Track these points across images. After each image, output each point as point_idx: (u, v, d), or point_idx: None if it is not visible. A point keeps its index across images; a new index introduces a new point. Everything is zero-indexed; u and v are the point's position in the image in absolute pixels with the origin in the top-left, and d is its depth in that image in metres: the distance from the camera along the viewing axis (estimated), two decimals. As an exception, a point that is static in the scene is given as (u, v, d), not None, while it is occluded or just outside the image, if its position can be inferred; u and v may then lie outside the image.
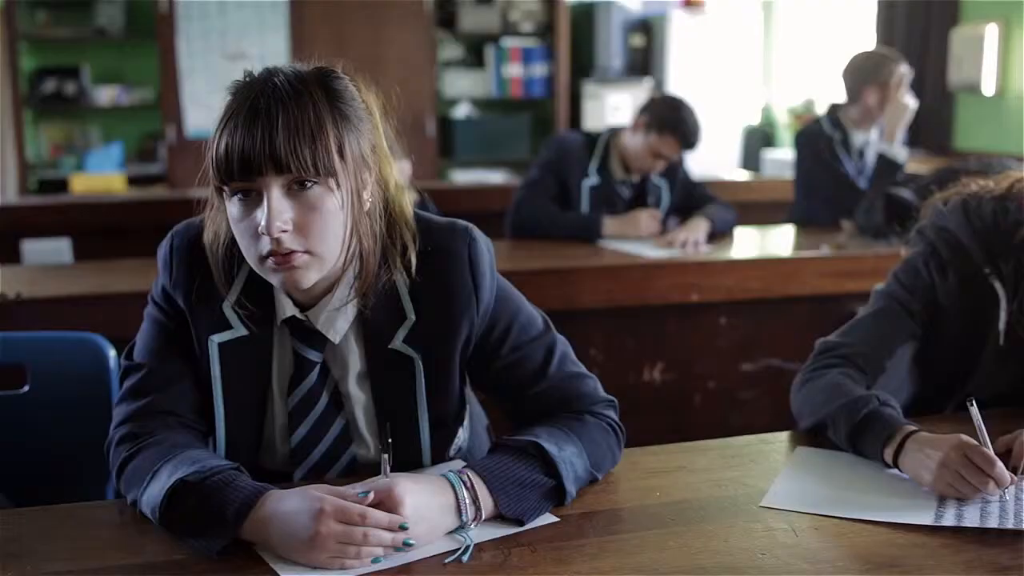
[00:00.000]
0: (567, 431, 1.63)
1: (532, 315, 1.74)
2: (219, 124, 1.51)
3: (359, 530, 1.37)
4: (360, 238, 1.59)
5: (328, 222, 1.53)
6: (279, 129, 1.47)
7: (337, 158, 1.51)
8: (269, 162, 1.47)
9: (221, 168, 1.50)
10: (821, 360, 1.94)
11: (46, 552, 1.45)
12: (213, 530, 1.42)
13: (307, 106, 1.49)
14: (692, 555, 1.42)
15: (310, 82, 1.53)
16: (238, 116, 1.49)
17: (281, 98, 1.49)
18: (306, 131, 1.48)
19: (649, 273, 3.40)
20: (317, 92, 1.52)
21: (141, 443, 1.59)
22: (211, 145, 1.52)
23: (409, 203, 1.70)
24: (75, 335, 2.14)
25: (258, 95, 1.49)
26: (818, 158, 4.30)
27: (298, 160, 1.47)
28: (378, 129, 1.63)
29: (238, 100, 1.51)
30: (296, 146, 1.47)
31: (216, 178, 1.52)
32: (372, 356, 1.67)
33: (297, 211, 1.51)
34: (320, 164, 1.49)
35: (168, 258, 1.68)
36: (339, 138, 1.52)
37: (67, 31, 7.28)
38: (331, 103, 1.53)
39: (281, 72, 1.54)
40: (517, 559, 1.42)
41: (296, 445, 1.69)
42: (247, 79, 1.56)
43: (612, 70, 7.93)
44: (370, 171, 1.60)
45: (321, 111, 1.51)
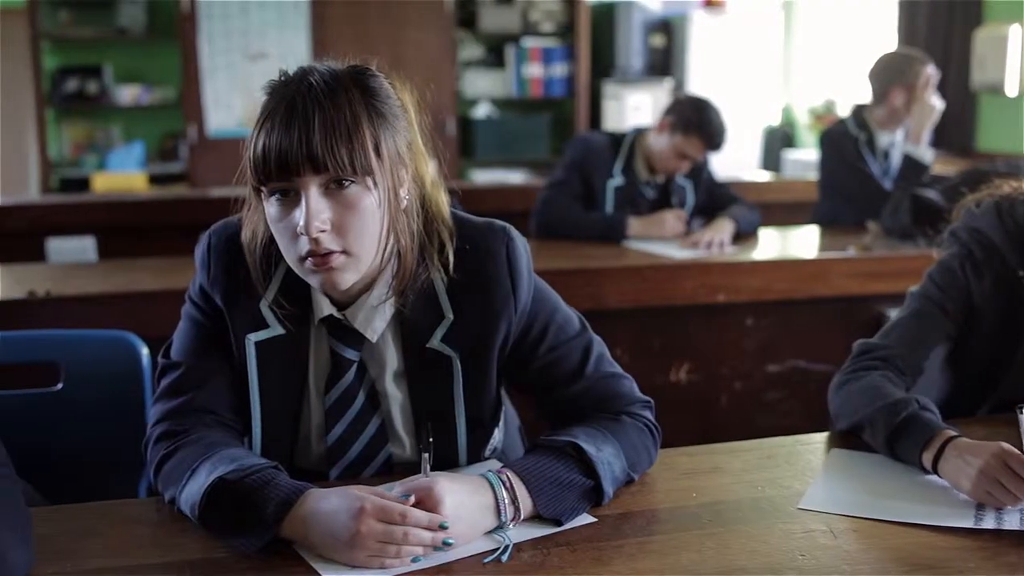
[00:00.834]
0: (604, 432, 1.62)
1: (569, 315, 1.74)
2: (256, 124, 1.51)
3: (399, 529, 1.37)
4: (397, 236, 1.59)
5: (366, 221, 1.53)
6: (316, 129, 1.47)
7: (374, 156, 1.51)
8: (307, 162, 1.47)
9: (259, 168, 1.50)
10: (860, 362, 1.93)
11: (85, 550, 1.46)
12: (253, 528, 1.42)
13: (343, 105, 1.49)
14: (731, 556, 1.42)
15: (346, 81, 1.53)
16: (275, 116, 1.49)
17: (317, 97, 1.49)
18: (343, 130, 1.48)
19: (675, 274, 3.39)
20: (353, 91, 1.52)
21: (179, 441, 1.59)
22: (249, 145, 1.52)
23: (445, 201, 1.70)
24: (109, 333, 2.14)
25: (294, 95, 1.49)
26: (843, 159, 4.29)
27: (335, 159, 1.48)
28: (413, 126, 1.62)
29: (274, 100, 1.51)
30: (333, 145, 1.47)
31: (254, 178, 1.52)
32: (409, 355, 1.67)
33: (335, 211, 1.51)
34: (357, 163, 1.49)
35: (206, 257, 1.68)
36: (375, 136, 1.52)
37: (89, 31, 7.32)
38: (367, 101, 1.52)
39: (316, 71, 1.53)
40: (556, 559, 1.42)
41: (332, 444, 1.69)
42: (282, 78, 1.56)
43: (632, 70, 7.93)
44: (406, 168, 1.59)
45: (357, 109, 1.50)
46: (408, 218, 1.61)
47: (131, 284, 3.24)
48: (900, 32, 6.93)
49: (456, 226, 1.67)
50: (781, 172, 7.56)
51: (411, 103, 1.64)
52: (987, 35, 6.21)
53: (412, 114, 1.63)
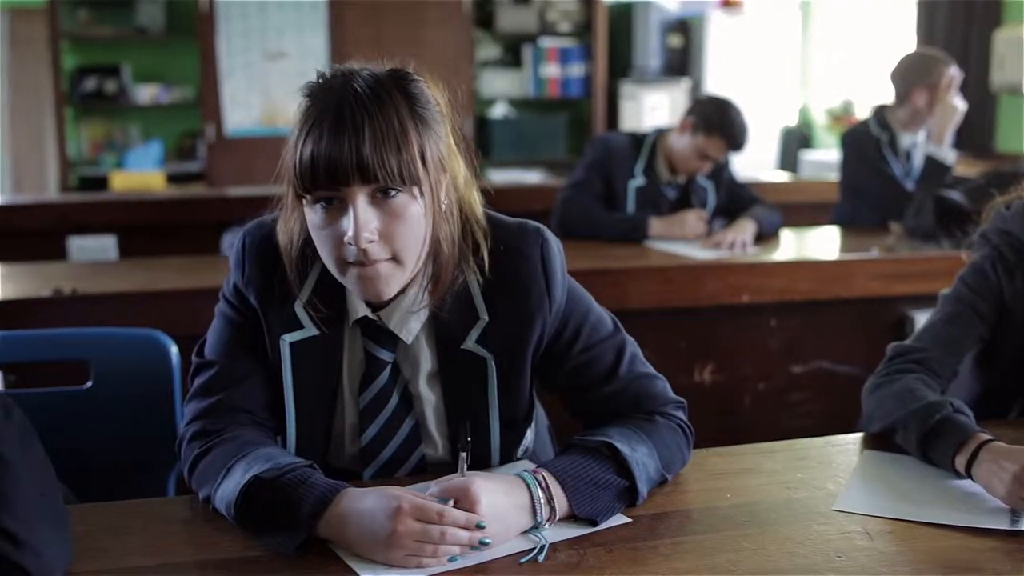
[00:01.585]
0: (639, 432, 1.62)
1: (602, 316, 1.73)
2: (300, 130, 1.50)
3: (437, 528, 1.37)
4: (439, 242, 1.59)
5: (412, 229, 1.53)
6: (366, 138, 1.46)
7: (420, 165, 1.51)
8: (356, 172, 1.46)
9: (306, 176, 1.49)
10: (895, 364, 1.92)
11: (121, 547, 1.46)
12: (289, 527, 1.42)
13: (391, 113, 1.49)
14: (768, 557, 1.42)
15: (390, 86, 1.52)
16: (323, 123, 1.48)
17: (365, 105, 1.48)
18: (392, 140, 1.47)
19: (699, 274, 3.39)
20: (398, 97, 1.51)
21: (213, 440, 1.60)
22: (293, 151, 1.50)
23: (478, 201, 1.69)
24: (138, 332, 2.15)
25: (341, 101, 1.48)
26: (864, 159, 4.28)
27: (385, 169, 1.47)
28: (450, 128, 1.62)
29: (320, 106, 1.50)
30: (383, 155, 1.47)
31: (299, 185, 1.51)
32: (444, 356, 1.67)
33: (382, 220, 1.51)
34: (405, 173, 1.49)
35: (240, 256, 1.68)
36: (421, 145, 1.51)
37: (108, 30, 7.33)
38: (411, 108, 1.52)
39: (359, 76, 1.52)
40: (593, 559, 1.42)
41: (366, 444, 1.70)
42: (322, 82, 1.55)
43: (650, 70, 7.92)
44: (446, 172, 1.59)
45: (404, 118, 1.50)
46: (448, 223, 1.61)
47: (155, 283, 3.25)
48: (919, 32, 6.91)
49: (490, 227, 1.67)
50: (798, 173, 7.54)
51: (444, 104, 1.63)
52: (1007, 35, 6.19)
53: (448, 116, 1.63)
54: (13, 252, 3.92)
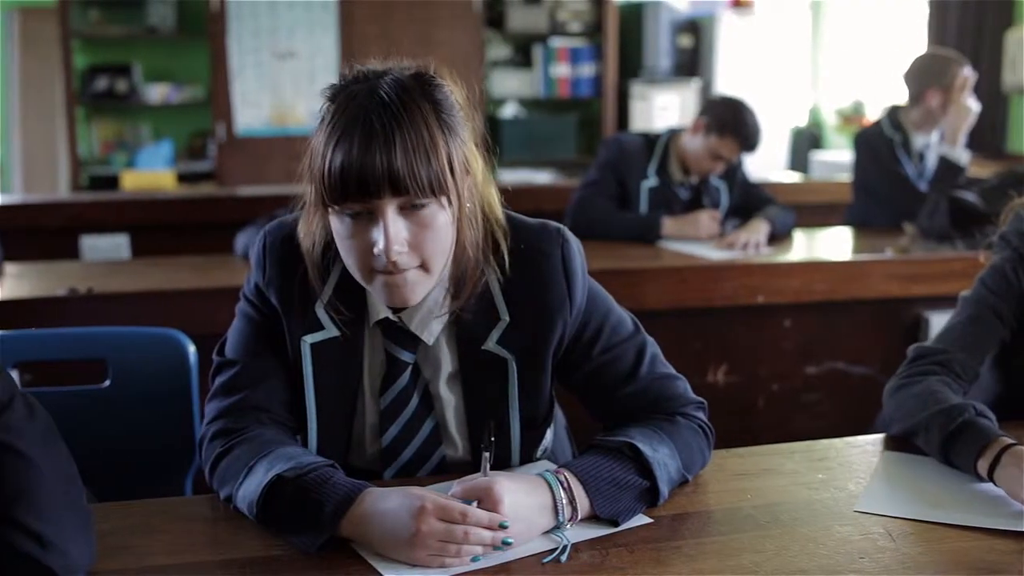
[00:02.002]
0: (660, 432, 1.62)
1: (622, 316, 1.73)
2: (328, 138, 1.48)
3: (460, 528, 1.37)
4: (464, 246, 1.58)
5: (441, 238, 1.53)
6: (397, 151, 1.44)
7: (449, 175, 1.50)
8: (388, 184, 1.45)
9: (335, 188, 1.47)
10: (917, 366, 1.91)
11: (145, 547, 1.47)
12: (311, 527, 1.42)
13: (420, 123, 1.47)
14: (791, 558, 1.42)
15: (416, 93, 1.49)
16: (352, 134, 1.45)
17: (394, 115, 1.46)
18: (422, 152, 1.46)
19: (715, 275, 3.38)
20: (425, 105, 1.49)
21: (234, 439, 1.60)
22: (320, 160, 1.48)
23: (497, 198, 1.69)
24: (156, 331, 2.15)
25: (369, 111, 1.46)
26: (877, 160, 4.27)
27: (416, 182, 1.46)
28: (471, 128, 1.61)
29: (347, 115, 1.48)
30: (414, 168, 1.45)
31: (328, 196, 1.49)
32: (464, 357, 1.67)
33: (411, 230, 1.50)
34: (435, 184, 1.48)
35: (261, 256, 1.68)
36: (449, 153, 1.50)
37: (119, 29, 7.35)
38: (438, 115, 1.50)
39: (384, 82, 1.50)
40: (615, 560, 1.42)
41: (387, 445, 1.70)
42: (346, 86, 1.53)
43: (660, 70, 7.91)
44: (469, 174, 1.58)
45: (432, 127, 1.48)
46: (472, 227, 1.60)
47: (170, 282, 3.25)
48: (930, 33, 6.89)
49: (510, 227, 1.66)
50: (809, 173, 7.54)
51: (464, 102, 1.61)
52: (1018, 36, 6.18)
53: (468, 115, 1.61)
54: (26, 251, 3.92)
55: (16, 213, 4.86)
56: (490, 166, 1.68)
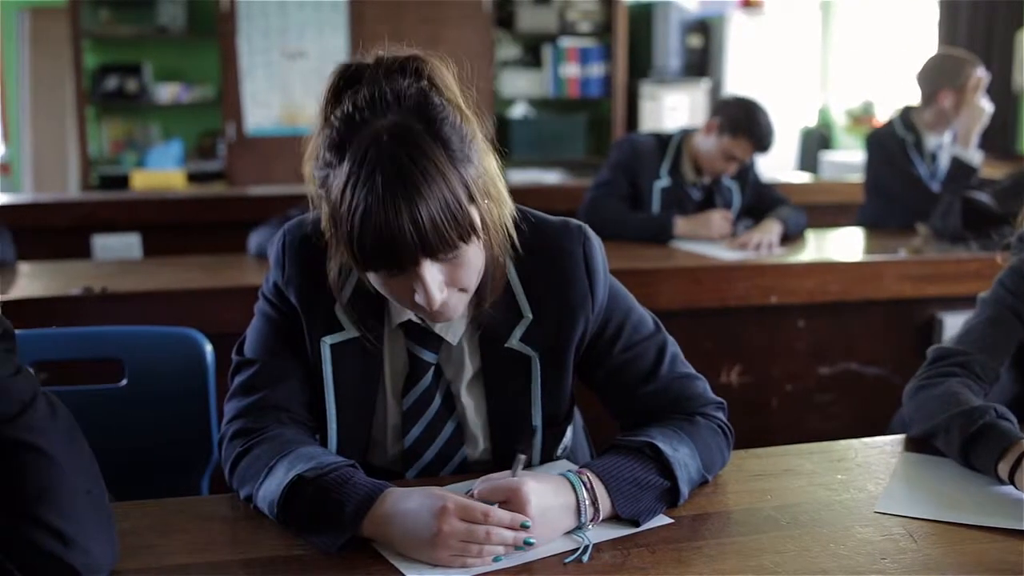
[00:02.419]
0: (680, 432, 1.62)
1: (643, 315, 1.73)
2: (348, 207, 1.41)
3: (482, 528, 1.37)
4: (494, 255, 1.56)
5: (475, 267, 1.51)
6: (425, 223, 1.38)
7: (475, 214, 1.46)
8: (420, 254, 1.42)
9: (367, 262, 1.44)
10: (937, 368, 1.90)
11: (165, 546, 1.47)
12: (332, 527, 1.42)
13: (439, 182, 1.40)
14: (812, 559, 1.41)
15: (425, 140, 1.41)
16: (375, 209, 1.38)
17: (414, 183, 1.38)
18: (448, 215, 1.40)
19: (728, 275, 3.38)
20: (436, 151, 1.41)
21: (254, 439, 1.60)
22: (346, 228, 1.42)
23: (504, 189, 1.60)
24: (173, 330, 2.15)
25: (386, 182, 1.38)
26: (890, 160, 4.26)
27: (446, 244, 1.42)
28: (476, 129, 1.52)
29: (365, 186, 1.39)
30: (444, 234, 1.41)
31: (358, 266, 1.48)
32: (487, 355, 1.67)
33: (448, 273, 1.48)
34: (465, 235, 1.44)
35: (280, 256, 1.67)
36: (467, 188, 1.44)
37: (129, 29, 7.36)
38: (449, 155, 1.43)
39: (388, 133, 1.41)
40: (637, 560, 1.42)
41: (409, 446, 1.70)
42: (351, 131, 1.44)
43: (669, 71, 7.91)
44: (490, 190, 1.53)
45: (448, 175, 1.41)
46: (496, 232, 1.55)
47: (184, 281, 3.25)
48: (940, 33, 6.89)
49: (532, 226, 1.65)
50: (818, 174, 7.53)
51: (464, 101, 1.53)
52: (1030, 37, 6.16)
53: (472, 117, 1.52)
54: (37, 250, 3.93)
55: (27, 212, 4.87)
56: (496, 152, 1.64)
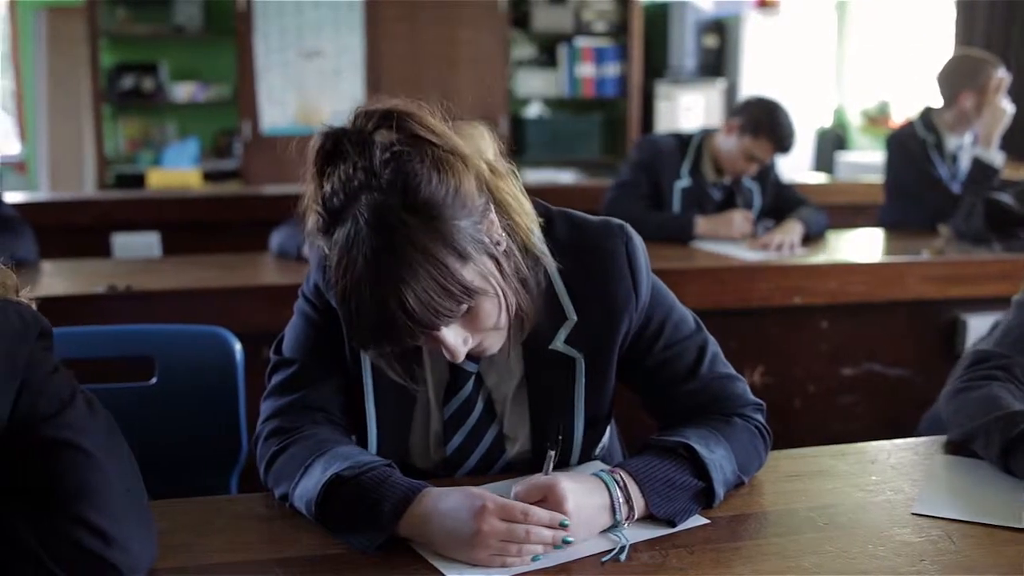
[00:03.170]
0: (716, 433, 1.61)
1: (684, 314, 1.73)
2: (340, 301, 1.43)
3: (521, 527, 1.37)
4: (517, 286, 1.53)
5: (493, 311, 1.48)
6: (413, 306, 1.37)
7: (474, 276, 1.43)
8: (421, 334, 1.43)
9: (367, 345, 1.50)
10: (977, 371, 1.88)
11: (202, 544, 1.47)
12: (370, 526, 1.42)
13: (419, 259, 1.37)
14: (851, 560, 1.41)
15: (402, 218, 1.38)
16: (362, 295, 1.39)
17: (397, 268, 1.37)
18: (436, 288, 1.38)
19: (752, 275, 3.37)
20: (416, 226, 1.38)
21: (290, 438, 1.60)
22: (341, 307, 1.44)
23: (512, 182, 1.58)
24: (203, 329, 2.15)
25: (369, 266, 1.38)
26: (910, 161, 4.26)
27: (444, 316, 1.41)
28: (468, 170, 1.46)
29: (351, 289, 1.40)
30: (437, 308, 1.39)
31: (362, 346, 1.55)
32: (531, 358, 1.66)
33: (466, 324, 1.47)
34: (466, 298, 1.42)
35: (323, 257, 1.66)
36: (458, 250, 1.41)
37: (146, 28, 7.38)
38: (432, 224, 1.39)
39: (369, 224, 1.38)
40: (675, 560, 1.41)
41: (450, 454, 1.70)
42: (333, 219, 1.43)
43: (685, 71, 7.90)
44: (491, 224, 1.49)
45: (432, 248, 1.38)
46: (518, 266, 1.53)
47: (206, 280, 3.26)
48: (958, 33, 6.86)
49: (573, 227, 1.65)
50: (834, 174, 7.51)
51: (448, 137, 1.47)
52: (1049, 37, 6.14)
53: (461, 159, 1.46)
54: (57, 249, 3.92)
55: (47, 211, 4.87)
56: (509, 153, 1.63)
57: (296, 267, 3.38)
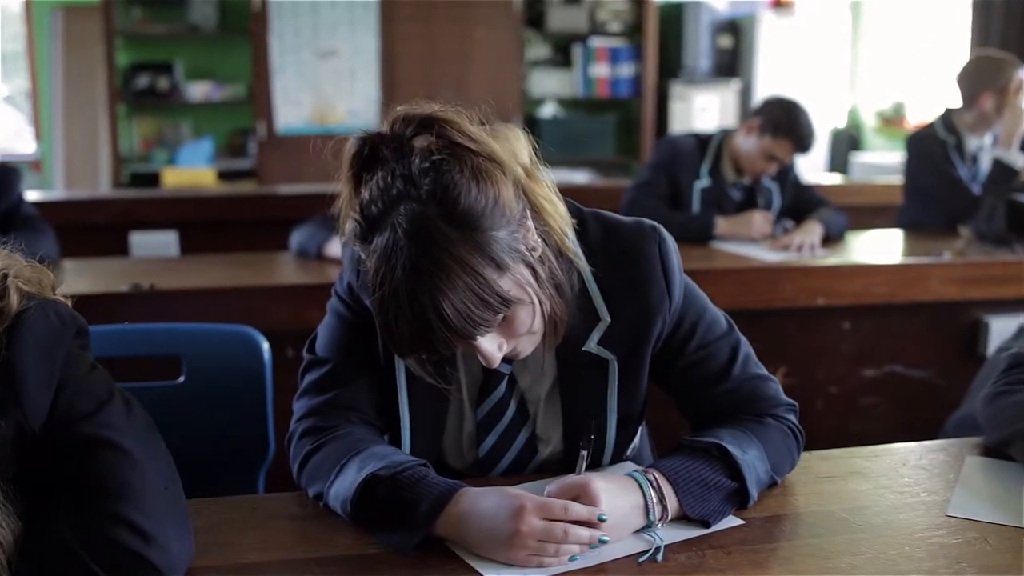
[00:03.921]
0: (749, 434, 1.61)
1: (716, 314, 1.72)
2: (379, 312, 1.42)
3: (560, 527, 1.37)
4: (551, 292, 1.52)
5: (527, 318, 1.48)
6: (451, 316, 1.37)
7: (507, 285, 1.42)
8: (457, 344, 1.43)
9: (405, 353, 1.50)
10: (1015, 374, 1.86)
11: (238, 544, 1.47)
12: (406, 526, 1.42)
13: (457, 270, 1.37)
14: (889, 562, 1.41)
15: (441, 229, 1.38)
16: (400, 305, 1.38)
17: (435, 278, 1.36)
18: (474, 299, 1.38)
19: (775, 276, 3.37)
20: (454, 237, 1.38)
21: (324, 437, 1.60)
22: (378, 315, 1.44)
23: (546, 185, 1.59)
24: (230, 328, 2.15)
25: (408, 277, 1.37)
26: (930, 162, 4.25)
27: (480, 326, 1.41)
28: (507, 178, 1.46)
29: (389, 299, 1.39)
30: (474, 318, 1.39)
31: (398, 353, 1.56)
32: (564, 360, 1.65)
33: (502, 332, 1.47)
34: (502, 308, 1.42)
35: (356, 257, 1.66)
36: (495, 260, 1.40)
37: (161, 28, 7.39)
38: (470, 234, 1.39)
39: (408, 235, 1.38)
40: (713, 561, 1.41)
41: (484, 455, 1.70)
42: (373, 225, 1.43)
43: (699, 71, 7.89)
44: (527, 229, 1.48)
45: (469, 259, 1.38)
46: (549, 265, 1.52)
47: (228, 279, 3.27)
48: (973, 33, 6.83)
49: (606, 228, 1.65)
50: (848, 175, 7.50)
51: (486, 143, 1.47)
52: (1066, 38, 6.12)
53: (499, 164, 1.46)
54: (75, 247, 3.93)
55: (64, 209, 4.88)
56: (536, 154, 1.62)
57: (317, 266, 3.39)
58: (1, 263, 1.38)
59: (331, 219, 3.63)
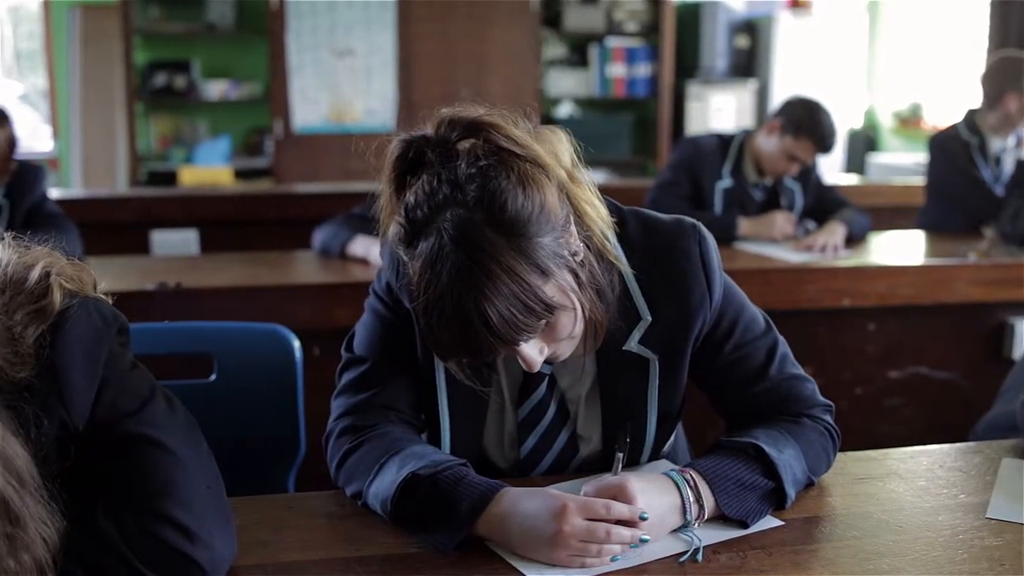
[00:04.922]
0: (785, 434, 1.61)
1: (755, 313, 1.72)
2: (424, 315, 1.41)
3: (603, 527, 1.37)
4: (592, 298, 1.51)
5: (569, 324, 1.47)
6: (495, 322, 1.36)
7: (551, 291, 1.41)
8: (501, 349, 1.42)
9: (448, 356, 1.51)
10: None
11: (278, 542, 1.48)
12: (447, 525, 1.42)
13: (503, 277, 1.36)
14: (932, 564, 1.40)
15: (487, 235, 1.37)
16: (445, 310, 1.37)
17: (481, 284, 1.35)
18: (519, 305, 1.37)
19: (800, 277, 3.36)
20: (500, 244, 1.37)
21: (362, 436, 1.60)
22: (421, 319, 1.43)
23: (588, 188, 1.57)
24: (261, 326, 2.15)
25: (453, 282, 1.36)
26: (953, 163, 4.24)
27: (524, 332, 1.40)
28: (551, 182, 1.44)
29: (437, 305, 1.38)
30: (519, 324, 1.38)
31: (440, 356, 1.56)
32: (605, 360, 1.65)
33: (544, 336, 1.47)
34: (545, 315, 1.40)
35: (395, 257, 1.64)
36: (540, 267, 1.39)
37: (179, 26, 7.40)
38: (515, 241, 1.38)
39: (453, 240, 1.36)
40: (754, 562, 1.41)
41: (525, 456, 1.70)
42: (418, 228, 1.41)
43: (716, 71, 7.88)
44: (570, 234, 1.47)
45: (515, 266, 1.37)
46: (590, 269, 1.51)
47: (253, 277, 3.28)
48: (991, 34, 6.80)
49: (645, 227, 1.65)
50: (865, 175, 7.48)
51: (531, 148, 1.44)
52: (1086, 39, 6.10)
53: (542, 167, 1.44)
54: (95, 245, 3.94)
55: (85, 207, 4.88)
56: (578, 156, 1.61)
57: (340, 265, 3.39)
58: (43, 261, 1.39)
59: (353, 218, 3.64)
